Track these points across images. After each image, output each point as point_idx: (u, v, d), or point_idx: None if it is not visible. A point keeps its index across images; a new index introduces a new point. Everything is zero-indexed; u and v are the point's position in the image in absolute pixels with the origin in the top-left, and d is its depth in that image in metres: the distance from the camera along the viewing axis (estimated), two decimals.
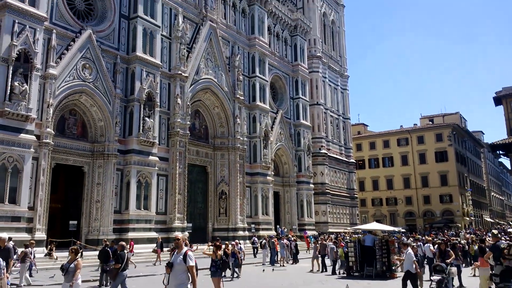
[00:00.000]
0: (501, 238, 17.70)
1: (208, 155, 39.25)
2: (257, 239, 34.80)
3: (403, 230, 40.83)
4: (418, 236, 32.07)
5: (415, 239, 29.57)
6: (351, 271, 21.47)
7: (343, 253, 22.43)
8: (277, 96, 50.83)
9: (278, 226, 44.95)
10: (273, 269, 24.85)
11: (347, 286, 15.41)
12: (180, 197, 33.15)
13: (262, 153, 42.83)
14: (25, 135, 23.72)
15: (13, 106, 23.16)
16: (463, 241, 28.28)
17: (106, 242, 21.45)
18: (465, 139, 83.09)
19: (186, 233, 32.70)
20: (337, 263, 23.47)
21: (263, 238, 31.78)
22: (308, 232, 45.19)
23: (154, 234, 29.66)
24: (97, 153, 28.91)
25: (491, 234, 15.81)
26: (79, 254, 10.27)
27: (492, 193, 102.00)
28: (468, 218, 73.47)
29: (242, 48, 43.61)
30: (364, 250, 20.92)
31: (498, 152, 54.80)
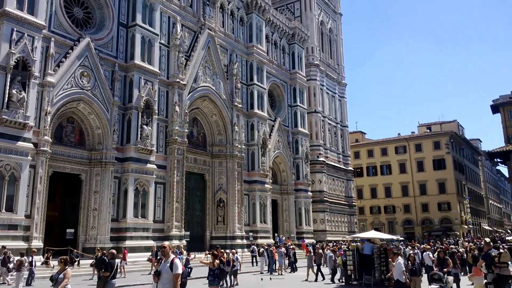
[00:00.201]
0: (500, 246, 17.70)
1: (206, 163, 39.20)
2: (256, 248, 34.66)
3: (402, 238, 40.74)
4: (417, 244, 31.96)
5: (412, 247, 29.54)
6: (350, 280, 21.39)
7: (341, 262, 22.36)
8: (275, 104, 50.94)
9: (276, 234, 44.81)
10: (271, 278, 24.75)
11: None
12: (178, 205, 33.04)
13: (260, 161, 42.80)
14: (23, 143, 23.66)
15: (11, 114, 23.13)
16: (462, 249, 28.23)
17: (99, 251, 21.33)
18: (462, 147, 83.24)
19: (184, 242, 32.58)
20: (337, 272, 23.37)
21: (261, 247, 31.67)
22: (306, 240, 45.05)
23: (151, 243, 29.50)
24: (95, 161, 28.84)
25: (483, 242, 15.90)
26: (76, 264, 10.24)
27: (490, 201, 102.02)
28: (466, 226, 73.41)
29: (240, 56, 43.75)
30: (363, 258, 20.84)
31: (495, 160, 54.98)
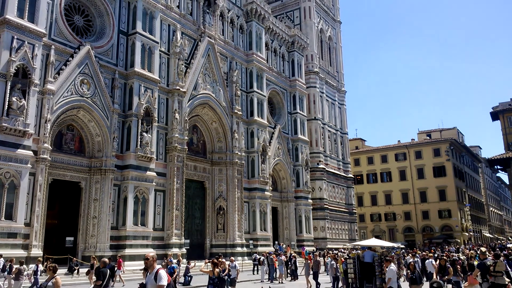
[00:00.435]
0: (501, 254, 17.59)
1: (206, 170, 39.12)
2: (258, 256, 34.36)
3: (402, 246, 40.62)
4: (418, 252, 31.80)
5: (413, 255, 29.41)
6: None
7: (342, 270, 22.20)
8: (274, 111, 50.97)
9: (276, 242, 44.60)
10: (270, 287, 24.54)
11: None
12: (178, 213, 32.92)
13: (260, 168, 42.73)
14: (23, 151, 23.62)
15: (11, 122, 23.11)
16: (463, 257, 28.09)
17: (94, 259, 21.13)
18: (462, 154, 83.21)
19: (184, 250, 32.45)
20: (339, 280, 23.19)
21: (261, 255, 31.49)
22: (306, 248, 44.83)
23: (151, 251, 29.33)
24: (95, 169, 28.77)
25: (479, 251, 15.87)
26: (76, 272, 10.15)
27: (491, 208, 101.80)
28: (467, 234, 73.17)
29: (240, 63, 43.84)
30: (364, 266, 20.70)
31: (496, 167, 54.97)
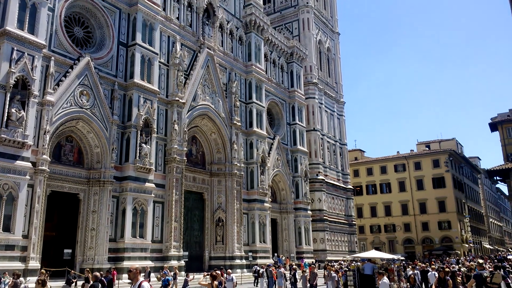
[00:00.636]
0: (502, 266, 17.48)
1: (205, 182, 38.99)
2: (258, 268, 34.06)
3: (402, 258, 40.34)
4: (420, 264, 31.57)
5: (413, 267, 29.19)
6: None
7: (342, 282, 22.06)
8: (274, 122, 51.00)
9: (275, 254, 44.31)
10: None
11: None
12: (176, 225, 32.71)
13: (259, 179, 42.59)
14: (21, 162, 23.50)
15: (10, 133, 23.03)
16: (463, 269, 27.89)
17: (89, 272, 20.86)
18: (462, 165, 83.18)
19: (182, 262, 32.19)
20: None
21: (260, 267, 31.24)
22: (305, 260, 44.51)
23: (149, 263, 29.11)
24: (93, 180, 28.63)
25: (477, 262, 15.86)
26: (74, 285, 10.00)
27: (491, 219, 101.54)
28: (467, 245, 72.85)
29: (239, 74, 43.96)
30: (364, 278, 20.58)
31: (495, 178, 54.85)
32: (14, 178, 23.03)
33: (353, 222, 62.31)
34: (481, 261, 14.88)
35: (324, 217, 54.38)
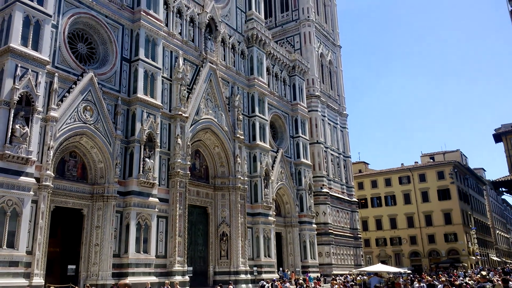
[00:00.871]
0: (508, 280, 17.20)
1: (208, 196, 38.85)
2: (265, 283, 33.69)
3: (409, 271, 39.89)
4: (427, 277, 31.17)
5: (419, 281, 28.85)
6: None
7: None
8: (277, 135, 50.99)
9: (281, 268, 43.87)
10: None
11: None
12: (181, 240, 32.50)
13: (263, 192, 42.40)
14: (25, 178, 23.49)
15: (14, 149, 23.05)
16: (471, 282, 27.52)
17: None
18: (467, 177, 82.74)
19: (187, 277, 31.90)
20: None
21: (265, 282, 30.93)
22: (310, 274, 44.07)
23: (154, 279, 28.87)
24: (97, 195, 28.57)
25: (479, 275, 15.71)
26: None
27: (497, 231, 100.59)
28: (474, 258, 72.03)
29: (242, 88, 44.10)
30: None
31: (500, 189, 54.46)
32: (18, 194, 22.98)
33: (359, 235, 61.80)
34: (484, 273, 14.71)
35: (329, 231, 53.97)
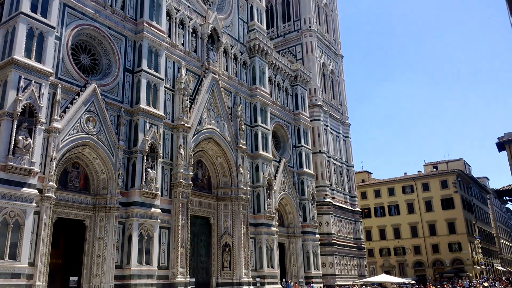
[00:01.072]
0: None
1: (211, 206, 38.72)
2: None
3: (413, 282, 39.57)
4: (432, 287, 30.94)
5: None
6: None
7: None
8: (279, 144, 50.94)
9: (284, 279, 43.57)
10: None
11: None
12: (183, 251, 32.34)
13: (266, 202, 42.24)
14: (28, 189, 23.47)
15: (17, 160, 23.07)
16: None
17: None
18: (470, 185, 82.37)
19: None
20: None
21: None
22: (313, 285, 43.73)
23: None
24: (99, 206, 28.50)
25: (482, 286, 15.59)
26: None
27: (502, 240, 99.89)
28: (478, 267, 71.45)
29: (244, 98, 44.17)
30: None
31: (504, 198, 54.10)
32: (21, 205, 22.95)
33: (362, 245, 61.36)
34: (486, 284, 14.64)
35: (333, 241, 53.64)
